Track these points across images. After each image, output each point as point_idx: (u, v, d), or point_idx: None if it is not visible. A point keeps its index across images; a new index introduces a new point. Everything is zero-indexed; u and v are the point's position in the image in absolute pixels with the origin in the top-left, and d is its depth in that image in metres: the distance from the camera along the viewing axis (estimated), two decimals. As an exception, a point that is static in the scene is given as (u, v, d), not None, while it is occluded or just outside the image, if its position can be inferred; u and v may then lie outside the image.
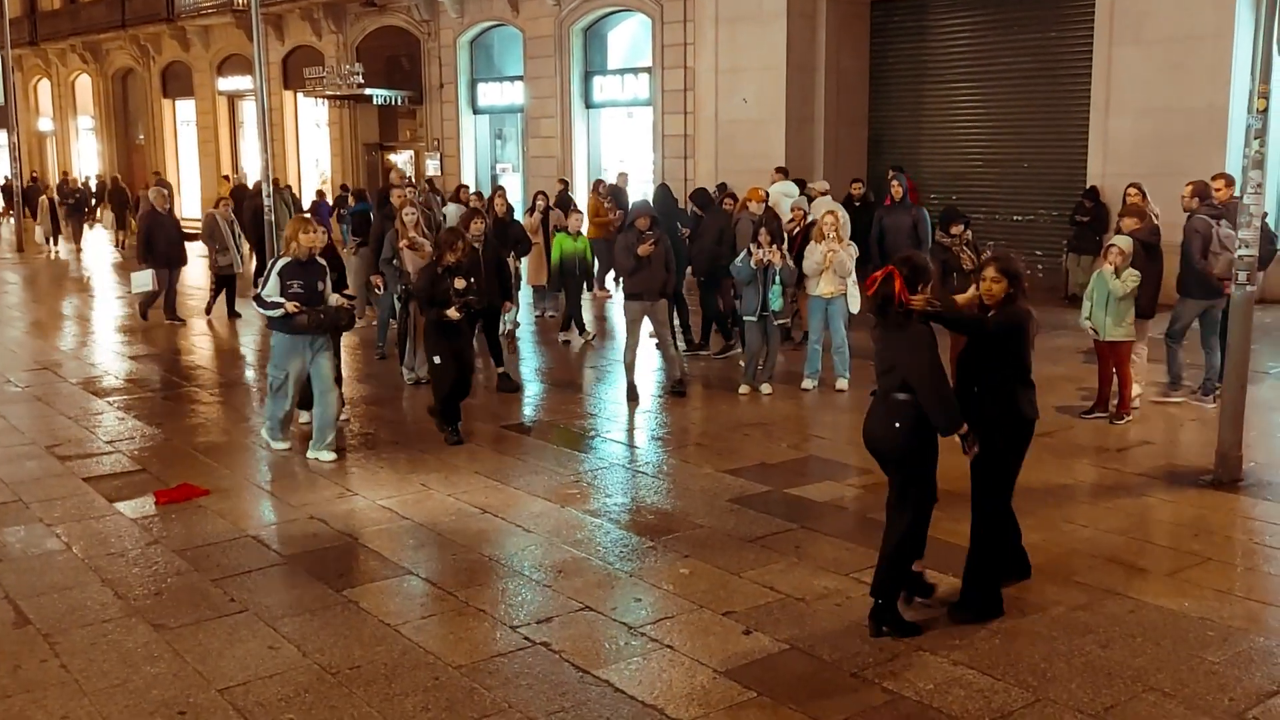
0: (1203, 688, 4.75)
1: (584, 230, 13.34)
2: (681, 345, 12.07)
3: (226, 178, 28.85)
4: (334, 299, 8.34)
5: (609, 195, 16.89)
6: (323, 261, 8.44)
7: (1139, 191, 10.85)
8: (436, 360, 8.75)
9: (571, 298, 13.24)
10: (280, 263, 8.15)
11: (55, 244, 25.81)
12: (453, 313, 8.60)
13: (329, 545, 6.61)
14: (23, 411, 10.06)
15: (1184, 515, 7.01)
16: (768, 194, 12.77)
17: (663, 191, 15.44)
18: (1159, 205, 11.21)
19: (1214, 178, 9.94)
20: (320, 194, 24.01)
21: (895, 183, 13.16)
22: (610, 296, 16.18)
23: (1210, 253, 9.30)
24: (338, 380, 9.25)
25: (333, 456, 8.27)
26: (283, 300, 8.00)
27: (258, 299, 8.27)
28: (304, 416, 8.88)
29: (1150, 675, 4.86)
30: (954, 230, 9.72)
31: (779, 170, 16.06)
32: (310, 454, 8.32)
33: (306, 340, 8.18)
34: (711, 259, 11.89)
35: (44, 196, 26.16)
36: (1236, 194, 10.05)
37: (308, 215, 9.36)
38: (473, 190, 19.22)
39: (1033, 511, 6.22)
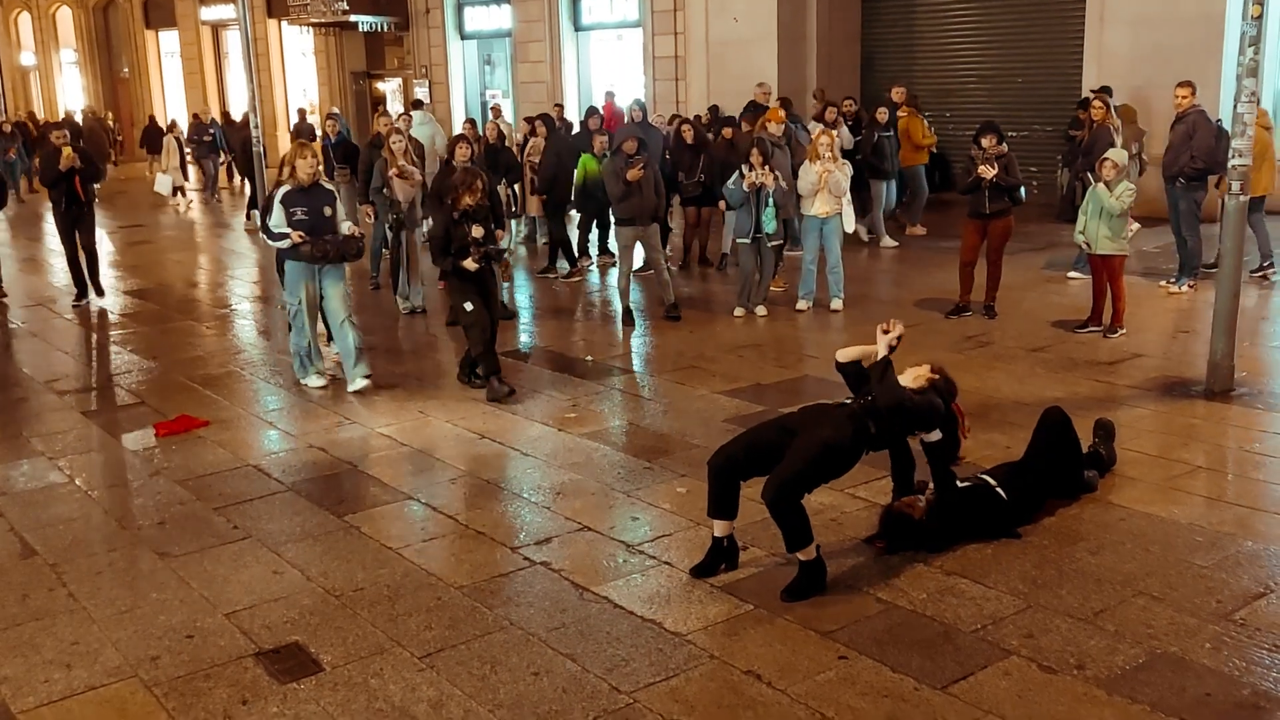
0: (1191, 591, 4.84)
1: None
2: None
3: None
4: (345, 227, 8.10)
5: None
6: (330, 186, 8.18)
7: (1104, 105, 11.56)
8: (469, 307, 7.97)
9: (587, 220, 13.16)
10: (281, 190, 7.96)
11: (186, 195, 21.51)
12: (470, 264, 7.93)
13: (329, 473, 6.68)
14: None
15: (1175, 425, 7.07)
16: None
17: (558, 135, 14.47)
18: (1156, 116, 11.31)
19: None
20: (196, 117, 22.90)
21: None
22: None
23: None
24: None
25: (366, 383, 8.13)
26: (289, 230, 7.85)
27: (265, 229, 8.14)
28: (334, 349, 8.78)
29: (1139, 580, 4.95)
30: (984, 142, 9.73)
31: (416, 104, 16.78)
32: (350, 387, 8.17)
33: (314, 267, 8.04)
34: (552, 180, 12.45)
35: (170, 137, 21.93)
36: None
37: (305, 141, 9.02)
38: (466, 118, 18.99)
39: (1025, 424, 6.27)
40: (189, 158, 22.18)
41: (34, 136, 24.95)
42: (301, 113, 23.00)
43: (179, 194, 21.21)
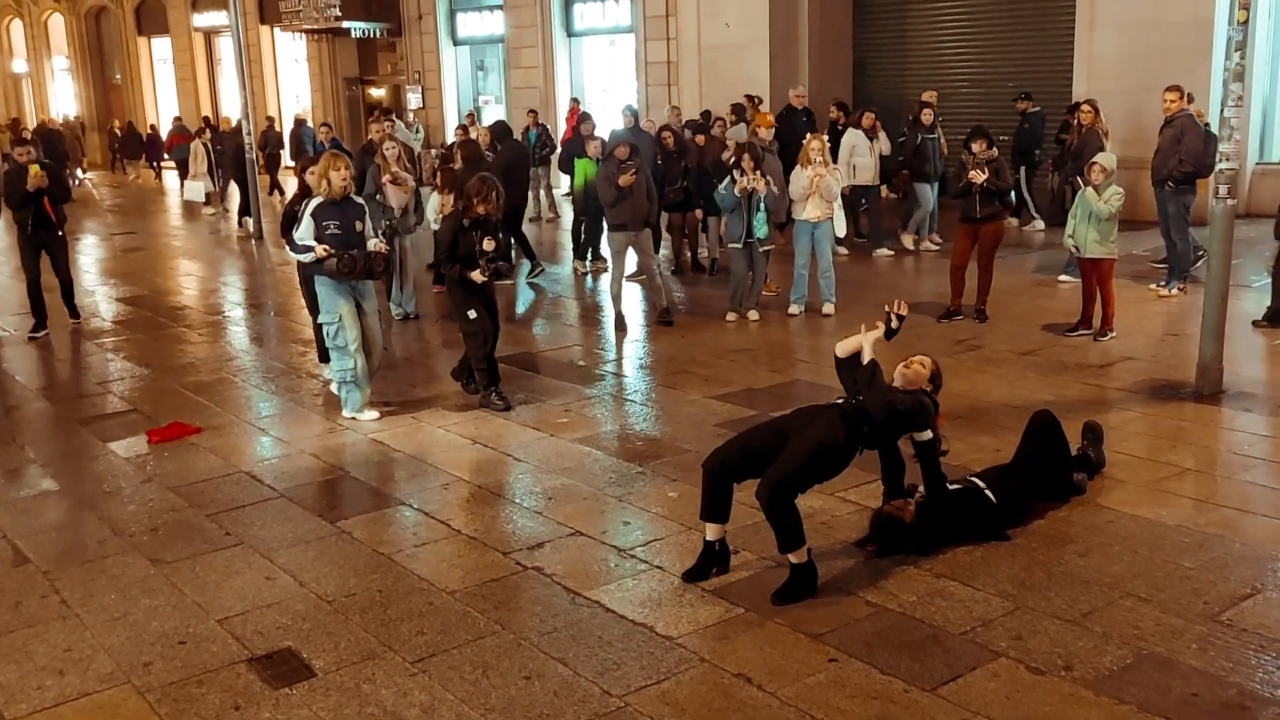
0: (1178, 592, 4.87)
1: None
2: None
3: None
4: (371, 243, 7.58)
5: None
6: (360, 200, 7.82)
7: (1092, 109, 11.52)
8: (472, 314, 7.74)
9: (592, 224, 13.16)
10: (313, 203, 7.55)
11: (219, 203, 20.66)
12: (477, 276, 7.65)
13: (322, 479, 6.70)
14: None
15: (1163, 428, 7.11)
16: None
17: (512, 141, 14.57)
18: (1144, 121, 11.36)
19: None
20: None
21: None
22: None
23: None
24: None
25: (375, 415, 7.75)
26: (314, 244, 7.41)
27: (290, 242, 7.81)
28: (326, 372, 8.53)
29: (1127, 582, 4.98)
30: (975, 147, 9.77)
31: (385, 112, 17.09)
32: (344, 405, 7.78)
33: (349, 284, 7.55)
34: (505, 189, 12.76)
35: (197, 143, 20.67)
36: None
37: (338, 151, 8.51)
38: (457, 124, 18.97)
39: (1015, 428, 6.31)
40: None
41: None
42: (270, 120, 22.53)
43: (211, 201, 20.87)
